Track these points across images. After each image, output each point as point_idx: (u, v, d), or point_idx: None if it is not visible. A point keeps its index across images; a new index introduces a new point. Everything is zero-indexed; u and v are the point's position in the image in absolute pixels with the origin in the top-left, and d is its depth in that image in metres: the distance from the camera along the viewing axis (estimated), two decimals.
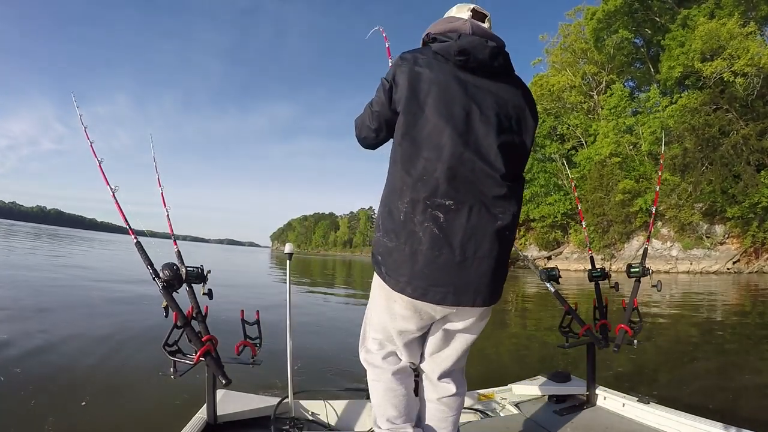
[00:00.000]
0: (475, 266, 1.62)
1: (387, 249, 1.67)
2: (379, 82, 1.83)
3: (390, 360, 1.92)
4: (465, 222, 1.60)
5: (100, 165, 2.38)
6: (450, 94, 1.68)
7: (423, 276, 1.61)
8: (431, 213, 1.59)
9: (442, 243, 1.59)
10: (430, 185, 1.60)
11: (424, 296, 1.63)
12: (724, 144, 34.04)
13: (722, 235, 36.86)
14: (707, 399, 4.56)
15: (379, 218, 1.74)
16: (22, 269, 13.99)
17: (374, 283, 1.86)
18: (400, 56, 1.79)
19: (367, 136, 1.93)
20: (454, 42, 1.72)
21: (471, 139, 1.64)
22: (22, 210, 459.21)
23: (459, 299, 1.64)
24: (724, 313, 12.66)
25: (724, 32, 34.28)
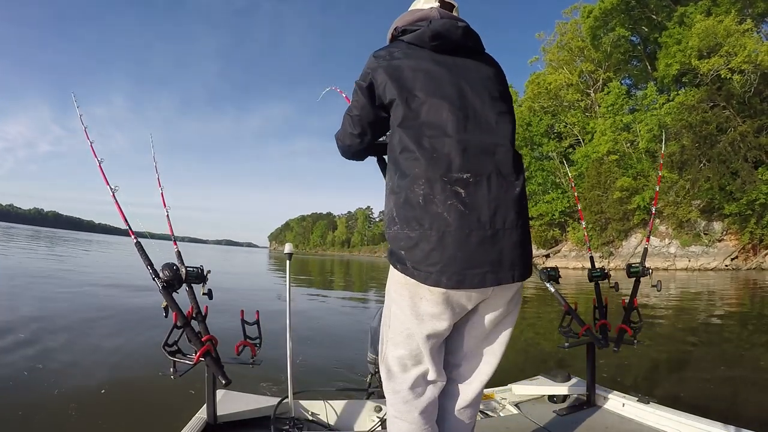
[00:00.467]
0: (507, 238, 1.51)
1: (410, 240, 1.50)
2: (354, 87, 1.79)
3: (417, 391, 1.66)
4: (487, 193, 1.50)
5: (100, 165, 2.37)
6: (436, 76, 1.66)
7: (457, 260, 1.45)
8: (451, 189, 1.48)
9: (470, 219, 1.46)
10: (443, 161, 1.51)
11: (462, 283, 1.47)
12: (721, 141, 34.12)
13: (720, 232, 36.93)
14: (707, 399, 4.56)
15: (393, 210, 1.58)
16: (30, 277, 13.97)
17: (392, 285, 1.65)
18: (372, 55, 1.76)
19: (352, 143, 1.90)
20: (426, 27, 1.71)
21: (470, 113, 1.61)
22: (20, 212, 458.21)
23: (498, 277, 1.50)
24: (723, 311, 12.69)
25: (720, 29, 34.33)
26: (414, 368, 1.65)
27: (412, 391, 1.65)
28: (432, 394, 1.69)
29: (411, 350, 1.63)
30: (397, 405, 1.68)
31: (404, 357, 1.65)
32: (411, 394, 1.65)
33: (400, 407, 1.67)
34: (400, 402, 1.67)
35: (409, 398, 1.65)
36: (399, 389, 1.67)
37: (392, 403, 1.70)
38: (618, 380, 5.08)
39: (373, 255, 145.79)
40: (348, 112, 1.86)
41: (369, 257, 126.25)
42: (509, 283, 1.54)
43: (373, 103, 1.74)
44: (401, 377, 1.67)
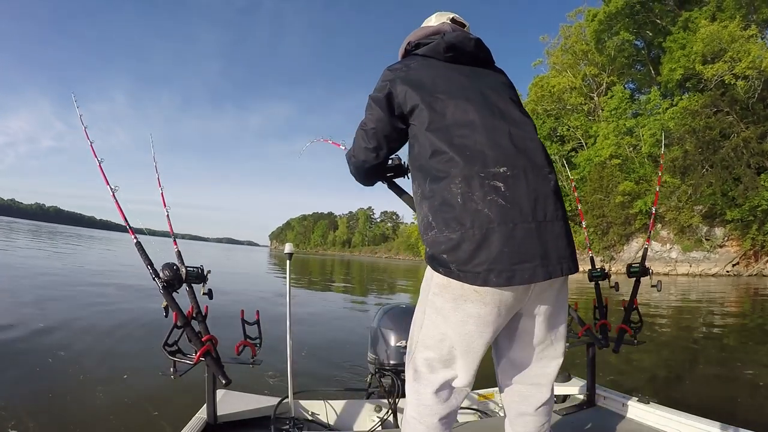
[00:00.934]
0: (550, 230, 1.47)
1: (452, 242, 1.44)
2: (368, 101, 1.80)
3: (442, 396, 1.61)
4: (525, 186, 1.46)
5: (100, 165, 2.37)
6: (456, 80, 1.70)
7: (505, 256, 1.40)
8: (490, 184, 1.44)
9: (512, 212, 1.42)
10: (478, 158, 1.48)
11: (512, 279, 1.41)
12: (724, 147, 34.08)
13: (722, 238, 36.90)
14: (707, 399, 4.56)
15: (428, 215, 1.53)
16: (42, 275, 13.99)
17: (432, 288, 1.59)
18: (387, 69, 1.80)
19: (366, 158, 1.87)
20: (440, 39, 1.76)
21: (496, 110, 1.63)
22: (21, 207, 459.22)
23: (548, 270, 1.45)
24: (723, 314, 12.68)
25: (725, 35, 34.30)
26: (442, 371, 1.61)
27: (435, 395, 1.61)
28: (455, 402, 1.65)
29: (441, 354, 1.59)
30: (417, 407, 1.63)
31: (433, 360, 1.61)
32: (434, 398, 1.61)
33: (420, 409, 1.62)
34: (421, 404, 1.62)
35: (431, 402, 1.61)
36: (423, 392, 1.62)
37: (413, 405, 1.65)
38: (618, 380, 5.08)
39: (374, 255, 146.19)
40: (362, 127, 1.84)
41: (370, 257, 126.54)
42: (559, 276, 1.48)
43: (391, 114, 1.75)
44: (427, 379, 1.62)
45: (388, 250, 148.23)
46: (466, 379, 1.61)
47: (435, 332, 1.59)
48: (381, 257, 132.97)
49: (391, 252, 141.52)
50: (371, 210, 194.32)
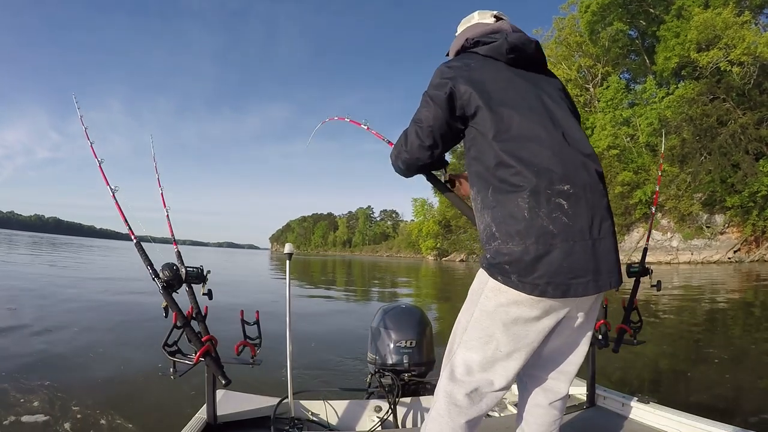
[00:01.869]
0: (603, 247, 1.54)
1: (515, 254, 1.49)
2: (424, 98, 1.77)
3: (473, 398, 1.63)
4: (585, 203, 1.52)
5: (100, 165, 2.36)
6: (520, 87, 1.68)
7: (563, 270, 1.48)
8: (555, 201, 1.49)
9: (573, 230, 1.49)
10: (545, 174, 1.51)
11: (567, 292, 1.49)
12: (722, 134, 34.15)
13: (722, 225, 36.93)
14: (707, 399, 4.56)
15: (492, 225, 1.56)
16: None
17: (485, 291, 1.61)
18: (447, 66, 1.76)
19: (420, 156, 1.84)
20: (504, 40, 1.73)
21: (557, 124, 1.63)
22: (20, 219, 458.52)
23: (598, 285, 1.53)
24: (725, 306, 12.67)
25: (719, 22, 34.33)
26: (479, 374, 1.63)
27: (469, 397, 1.63)
28: (487, 405, 1.66)
29: (485, 356, 1.62)
30: (448, 406, 1.64)
31: (474, 361, 1.63)
32: (467, 400, 1.63)
33: (451, 408, 1.64)
34: (452, 404, 1.64)
35: (464, 404, 1.62)
36: (457, 392, 1.64)
37: (443, 402, 1.66)
38: (618, 380, 5.09)
39: (375, 254, 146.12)
40: (416, 123, 1.80)
41: (371, 257, 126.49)
42: (608, 289, 1.57)
43: (451, 114, 1.71)
44: (463, 380, 1.64)
45: (389, 249, 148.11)
46: (503, 384, 1.63)
47: (482, 333, 1.62)
48: (382, 256, 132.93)
49: (392, 250, 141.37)
50: (370, 209, 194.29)
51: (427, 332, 3.12)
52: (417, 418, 2.86)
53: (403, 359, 2.93)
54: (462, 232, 72.12)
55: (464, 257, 69.97)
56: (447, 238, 78.14)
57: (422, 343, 3.03)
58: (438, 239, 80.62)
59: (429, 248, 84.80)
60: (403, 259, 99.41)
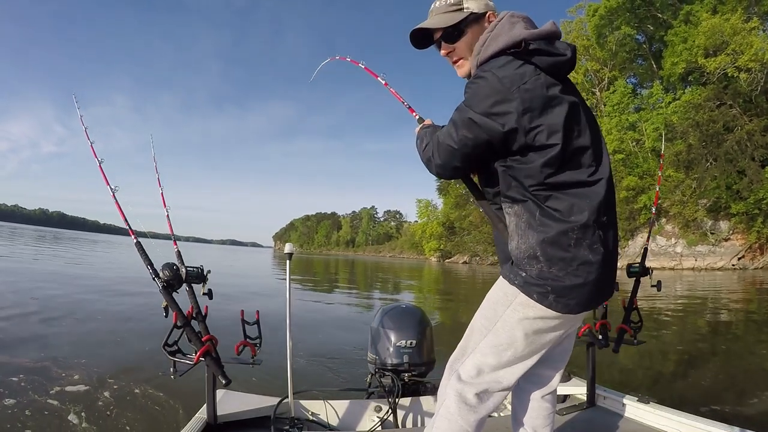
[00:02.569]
0: (614, 269, 1.71)
1: (556, 277, 1.58)
2: (468, 121, 1.60)
3: (482, 397, 1.72)
4: (613, 233, 1.66)
5: (100, 165, 2.38)
6: (574, 112, 1.61)
7: (592, 293, 1.63)
8: (597, 233, 1.59)
9: (605, 258, 1.61)
10: (594, 208, 1.58)
11: (587, 308, 1.67)
12: (728, 140, 34.00)
13: (727, 231, 36.75)
14: (707, 399, 4.54)
15: (536, 249, 1.59)
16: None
17: (513, 305, 1.67)
18: (500, 83, 1.54)
19: (443, 174, 1.80)
20: (565, 60, 1.62)
21: (597, 153, 1.66)
22: (25, 213, 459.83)
23: (599, 301, 1.72)
24: (726, 311, 12.63)
25: (727, 28, 34.17)
26: (489, 375, 1.73)
27: (479, 397, 1.72)
28: (494, 404, 1.76)
29: (500, 361, 1.72)
30: (459, 405, 1.71)
31: (487, 365, 1.73)
32: (477, 399, 1.71)
33: (461, 407, 1.71)
34: (463, 403, 1.71)
35: (474, 403, 1.71)
36: (468, 392, 1.72)
37: (454, 402, 1.73)
38: (618, 380, 5.07)
39: (378, 255, 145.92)
40: (450, 142, 1.68)
41: (374, 257, 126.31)
42: (606, 301, 1.84)
43: (495, 143, 1.60)
44: (473, 382, 1.73)
45: (392, 249, 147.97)
46: (510, 383, 1.75)
47: (503, 342, 1.70)
48: (385, 256, 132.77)
49: (395, 251, 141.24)
50: (374, 209, 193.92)
51: (427, 332, 3.13)
52: (417, 418, 2.87)
53: (403, 359, 2.93)
54: (465, 234, 71.96)
55: (467, 259, 69.79)
56: (450, 239, 77.98)
57: (422, 344, 3.04)
58: (441, 241, 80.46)
59: (432, 249, 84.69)
60: (406, 260, 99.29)
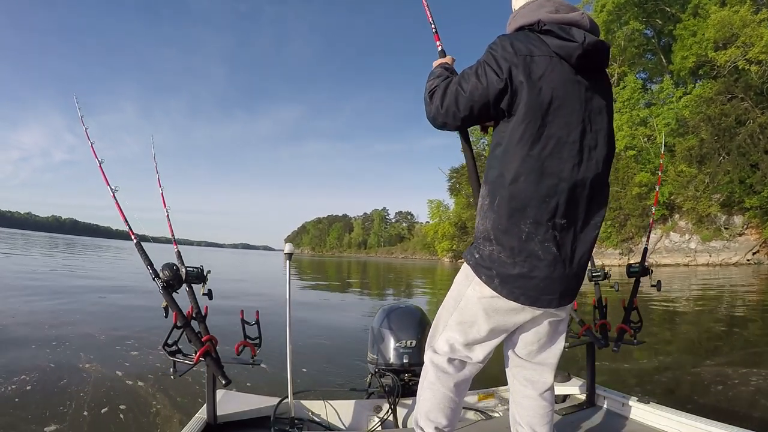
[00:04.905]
0: (575, 275, 1.75)
1: (502, 263, 1.69)
2: (479, 68, 1.68)
3: (456, 365, 1.89)
4: (573, 237, 1.69)
5: (100, 165, 2.39)
6: (570, 104, 1.67)
7: (538, 288, 1.69)
8: (551, 233, 1.65)
9: (558, 259, 1.67)
10: (553, 206, 1.64)
11: (535, 303, 1.72)
12: (740, 133, 33.66)
13: (741, 226, 36.41)
14: (708, 399, 4.53)
15: (490, 232, 1.71)
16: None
17: (472, 284, 1.81)
18: (511, 45, 1.65)
19: (449, 122, 1.79)
20: (579, 45, 1.62)
21: (586, 153, 1.68)
22: (38, 220, 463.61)
23: (560, 302, 1.76)
24: (738, 307, 12.49)
25: (736, 20, 33.87)
26: (461, 350, 1.87)
27: (450, 364, 1.87)
28: (469, 372, 1.91)
29: (467, 338, 1.85)
30: (437, 373, 1.89)
31: (456, 341, 1.87)
32: (450, 367, 1.87)
33: (439, 375, 1.88)
34: (438, 371, 1.88)
35: (450, 370, 1.87)
36: (439, 362, 1.89)
37: (432, 371, 1.90)
38: (618, 380, 5.07)
39: (390, 256, 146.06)
40: (461, 85, 1.72)
41: (386, 258, 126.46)
42: (565, 305, 1.82)
43: (496, 99, 1.66)
44: (444, 355, 1.89)
45: (404, 251, 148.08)
46: (480, 358, 1.89)
47: (467, 319, 1.84)
48: (397, 257, 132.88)
49: (407, 252, 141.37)
50: (386, 211, 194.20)
51: (427, 332, 3.11)
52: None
53: (403, 359, 2.93)
54: None
55: None
56: (462, 239, 77.69)
57: (422, 343, 2.99)
58: (453, 241, 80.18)
59: (444, 250, 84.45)
60: (418, 260, 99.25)
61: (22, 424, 3.58)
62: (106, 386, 4.34)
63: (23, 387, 4.37)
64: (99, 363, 5.09)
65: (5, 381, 4.48)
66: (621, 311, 2.95)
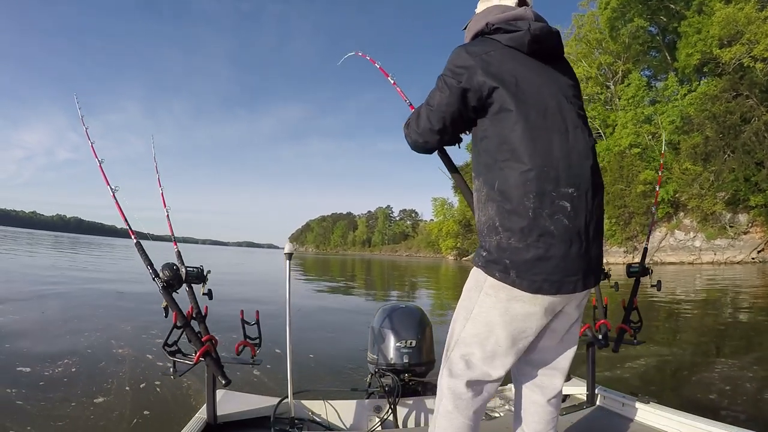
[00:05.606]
0: (594, 247, 1.64)
1: (515, 250, 1.57)
2: (439, 81, 1.75)
3: (475, 389, 1.71)
4: (584, 207, 1.60)
5: (100, 165, 2.39)
6: (538, 85, 1.69)
7: (559, 270, 1.56)
8: (559, 204, 1.56)
9: (572, 233, 1.57)
10: (552, 176, 1.57)
11: (560, 290, 1.58)
12: (745, 131, 33.57)
13: (746, 224, 36.31)
14: (708, 399, 4.52)
15: (495, 219, 1.62)
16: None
17: (484, 289, 1.67)
18: (465, 51, 1.72)
19: (430, 140, 1.86)
20: (526, 31, 1.69)
21: (569, 126, 1.66)
22: (42, 219, 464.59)
23: (585, 283, 1.63)
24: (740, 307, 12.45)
25: (741, 17, 33.76)
26: (479, 367, 1.70)
27: (471, 389, 1.70)
28: (488, 394, 1.74)
29: (484, 351, 1.68)
30: (455, 400, 1.70)
31: (473, 356, 1.70)
32: (470, 392, 1.70)
33: (458, 402, 1.70)
34: (458, 398, 1.70)
35: (468, 396, 1.69)
36: (459, 386, 1.70)
37: (449, 398, 1.72)
38: (618, 380, 5.05)
39: (395, 254, 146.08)
40: (428, 104, 1.80)
41: (390, 256, 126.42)
42: (591, 288, 1.68)
43: (464, 104, 1.71)
44: (464, 374, 1.70)
45: (408, 248, 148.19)
46: (501, 374, 1.71)
47: (483, 329, 1.68)
48: (401, 255, 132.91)
49: (412, 250, 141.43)
50: (390, 209, 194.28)
51: (427, 332, 3.12)
52: (417, 418, 2.86)
53: (403, 359, 2.93)
54: None
55: None
56: (467, 237, 77.71)
57: (422, 343, 3.03)
58: (458, 239, 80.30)
59: (449, 248, 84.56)
60: (423, 258, 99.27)
61: (74, 398, 3.83)
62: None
63: (69, 369, 4.89)
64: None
65: (51, 364, 5.03)
66: (621, 311, 2.93)
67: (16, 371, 4.68)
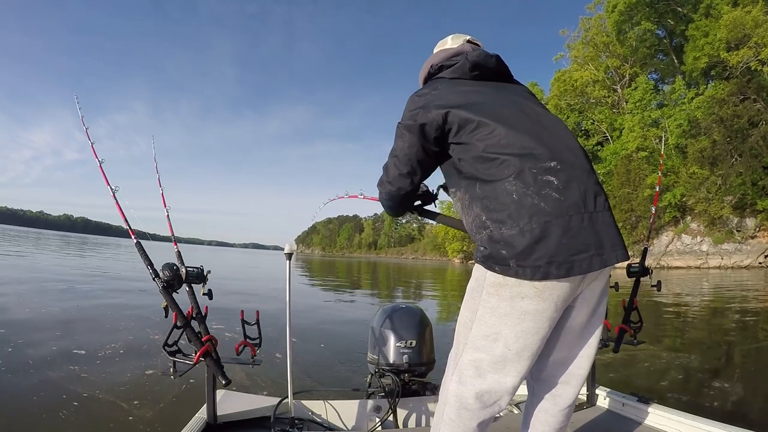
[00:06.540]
0: (602, 220, 1.47)
1: (510, 238, 1.44)
2: (399, 129, 1.78)
3: (484, 399, 1.57)
4: (574, 178, 1.47)
5: (100, 165, 2.39)
6: (489, 95, 1.72)
7: (563, 248, 1.41)
8: (543, 179, 1.44)
9: (566, 204, 1.43)
10: (528, 156, 1.49)
11: (571, 270, 1.41)
12: (753, 135, 33.40)
13: (753, 228, 36.10)
14: (708, 399, 4.51)
15: (482, 214, 1.53)
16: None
17: (485, 288, 1.56)
18: (416, 95, 1.78)
19: (402, 185, 1.87)
20: (464, 60, 1.80)
21: (533, 117, 1.64)
22: (50, 219, 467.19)
23: (603, 259, 1.45)
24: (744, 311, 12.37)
25: (749, 20, 33.66)
26: (490, 375, 1.56)
27: (479, 399, 1.57)
28: (500, 406, 1.60)
29: (493, 355, 1.54)
30: (459, 410, 1.60)
31: (483, 361, 1.56)
32: (478, 402, 1.57)
33: (462, 413, 1.59)
34: (463, 408, 1.59)
35: (475, 407, 1.57)
36: (467, 395, 1.58)
37: (453, 407, 1.61)
38: (618, 380, 5.03)
39: (401, 257, 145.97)
40: (393, 154, 1.84)
41: (396, 259, 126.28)
42: (614, 263, 1.49)
43: (425, 140, 1.72)
44: (473, 383, 1.58)
45: (414, 251, 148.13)
46: (516, 382, 1.56)
47: (488, 332, 1.55)
48: (408, 258, 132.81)
49: (418, 253, 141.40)
50: None
51: (427, 332, 3.11)
52: (417, 418, 2.85)
53: (403, 359, 2.92)
54: None
55: None
56: (473, 241, 77.76)
57: (422, 344, 3.02)
58: (464, 242, 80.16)
59: (455, 251, 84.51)
60: (429, 261, 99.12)
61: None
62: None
63: (117, 351, 5.58)
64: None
65: (101, 347, 5.74)
66: (621, 311, 2.93)
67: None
